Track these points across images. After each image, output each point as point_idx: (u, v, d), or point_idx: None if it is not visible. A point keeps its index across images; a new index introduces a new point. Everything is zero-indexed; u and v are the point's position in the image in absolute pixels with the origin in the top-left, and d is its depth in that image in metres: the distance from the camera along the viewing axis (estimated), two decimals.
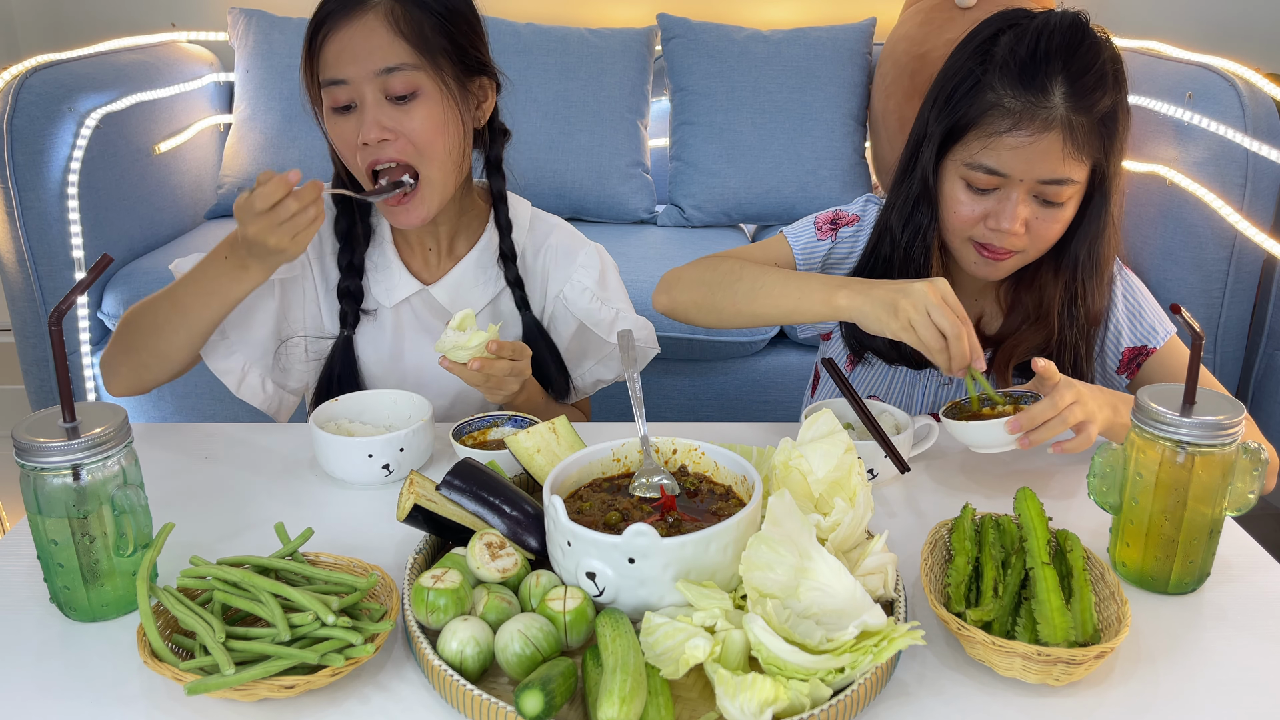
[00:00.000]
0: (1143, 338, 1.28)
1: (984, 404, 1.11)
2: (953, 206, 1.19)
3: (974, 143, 1.15)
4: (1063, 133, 1.11)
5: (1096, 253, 1.21)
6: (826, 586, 0.81)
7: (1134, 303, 1.29)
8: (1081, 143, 1.12)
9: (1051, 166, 1.12)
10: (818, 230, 1.34)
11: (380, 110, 1.17)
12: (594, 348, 1.39)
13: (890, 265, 1.27)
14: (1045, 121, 1.10)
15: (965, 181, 1.17)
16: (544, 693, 0.72)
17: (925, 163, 1.21)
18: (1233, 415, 0.88)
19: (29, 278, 2.10)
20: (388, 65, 1.16)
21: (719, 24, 2.57)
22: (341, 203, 1.31)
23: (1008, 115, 1.12)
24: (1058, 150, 1.11)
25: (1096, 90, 1.11)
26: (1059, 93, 1.10)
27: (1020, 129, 1.11)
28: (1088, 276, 1.22)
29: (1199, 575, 0.94)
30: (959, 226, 1.20)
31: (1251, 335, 2.06)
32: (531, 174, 2.49)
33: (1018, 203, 1.14)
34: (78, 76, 2.16)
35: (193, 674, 0.75)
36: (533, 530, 0.92)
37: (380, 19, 1.16)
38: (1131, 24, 2.62)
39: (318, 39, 1.17)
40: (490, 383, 1.16)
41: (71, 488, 0.84)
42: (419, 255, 1.35)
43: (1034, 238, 1.17)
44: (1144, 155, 2.04)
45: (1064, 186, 1.13)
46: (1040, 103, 1.11)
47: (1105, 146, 1.14)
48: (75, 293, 0.84)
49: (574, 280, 1.36)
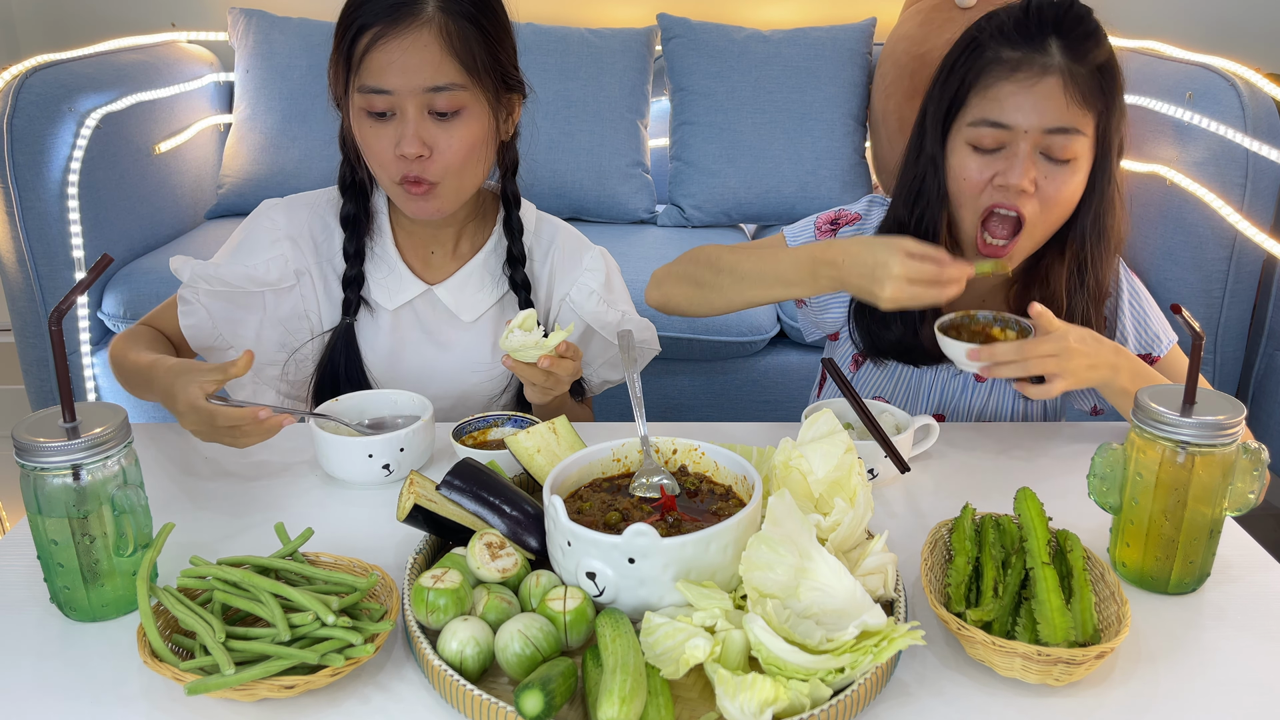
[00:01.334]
0: (1147, 346, 1.28)
1: (995, 323, 1.15)
2: (961, 174, 1.18)
3: (976, 101, 1.16)
4: (1062, 78, 1.12)
5: (1102, 223, 1.21)
6: (826, 586, 0.81)
7: (1140, 310, 1.29)
8: (1083, 90, 1.12)
9: (1055, 113, 1.12)
10: (818, 231, 1.34)
11: (422, 125, 1.17)
12: (600, 350, 1.40)
13: None
14: (1044, 67, 1.12)
15: (971, 145, 1.17)
16: (544, 693, 0.72)
17: (931, 140, 1.21)
18: (1233, 415, 0.88)
19: (29, 278, 2.10)
20: (437, 84, 1.16)
21: (719, 24, 2.57)
22: (348, 189, 1.31)
23: (1005, 65, 1.14)
24: (1059, 95, 1.12)
25: (1089, 41, 1.13)
26: (1055, 44, 1.13)
27: (1020, 75, 1.13)
28: (1095, 244, 1.21)
29: (1199, 575, 0.94)
30: (970, 194, 1.18)
31: (1251, 335, 2.06)
32: (531, 174, 2.46)
33: (1025, 157, 1.13)
34: (78, 76, 2.16)
35: (193, 674, 0.75)
36: (533, 530, 0.92)
37: (434, 35, 1.15)
38: (1131, 24, 2.61)
39: (361, 42, 1.16)
40: (550, 381, 1.16)
41: (71, 488, 0.84)
42: (420, 256, 1.35)
43: (1044, 201, 1.15)
44: (1144, 155, 2.04)
45: (1070, 137, 1.13)
46: (1038, 50, 1.13)
47: (1106, 99, 1.15)
48: (75, 293, 0.84)
49: (580, 283, 1.37)
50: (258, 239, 1.31)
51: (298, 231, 1.31)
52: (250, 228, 1.33)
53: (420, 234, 1.34)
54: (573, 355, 1.16)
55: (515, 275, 1.35)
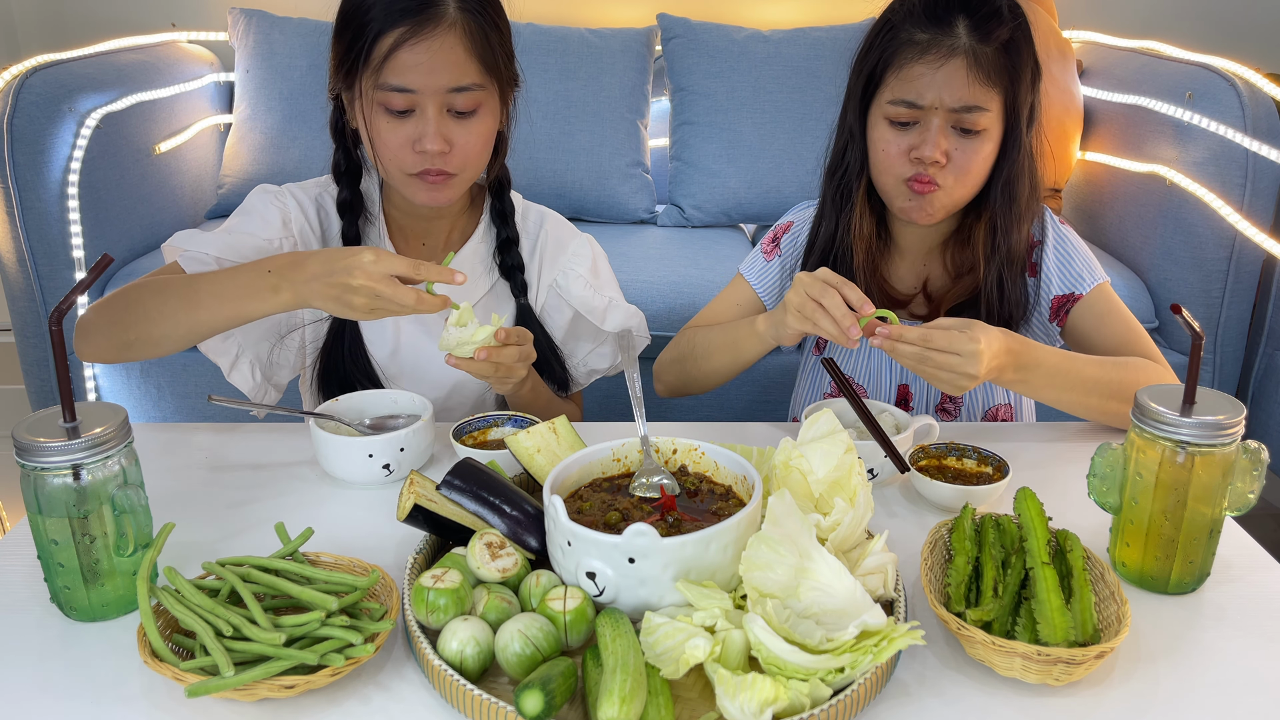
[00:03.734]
0: (1070, 285, 1.32)
1: (950, 453, 1.12)
2: (880, 146, 1.26)
3: (891, 80, 1.24)
4: (967, 60, 1.19)
5: (1012, 188, 1.28)
6: (826, 586, 0.81)
7: (1064, 252, 1.33)
8: (987, 69, 1.20)
9: (960, 93, 1.20)
10: (764, 255, 1.43)
11: (442, 123, 1.19)
12: (587, 336, 1.41)
13: (833, 237, 1.34)
14: (950, 49, 1.20)
15: (888, 120, 1.25)
16: (544, 693, 0.72)
17: (851, 115, 1.31)
18: (1233, 415, 0.88)
19: (29, 278, 2.10)
20: (460, 84, 1.18)
21: (719, 24, 2.58)
22: (343, 175, 1.31)
23: (916, 47, 1.21)
24: (963, 75, 1.19)
25: (993, 20, 1.20)
26: (961, 25, 1.20)
27: (928, 56, 1.20)
28: (1004, 209, 1.28)
29: (1199, 575, 0.94)
30: (888, 165, 1.26)
31: (1251, 335, 2.06)
32: (531, 174, 2.49)
33: (937, 131, 1.22)
34: (78, 76, 2.16)
35: (193, 674, 0.75)
36: (533, 530, 0.92)
37: (459, 37, 1.17)
38: (1131, 24, 2.61)
39: (384, 43, 1.15)
40: (499, 371, 1.15)
41: (72, 488, 0.84)
42: (413, 250, 1.35)
43: (956, 170, 1.23)
44: (1144, 155, 2.04)
45: (976, 114, 1.21)
46: (944, 33, 1.20)
47: (1011, 75, 1.21)
48: (75, 293, 0.84)
49: (568, 269, 1.38)
50: (262, 213, 1.29)
51: (296, 214, 1.31)
52: (248, 208, 1.30)
53: (413, 226, 1.35)
54: (517, 340, 1.16)
55: (508, 259, 1.36)
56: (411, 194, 1.25)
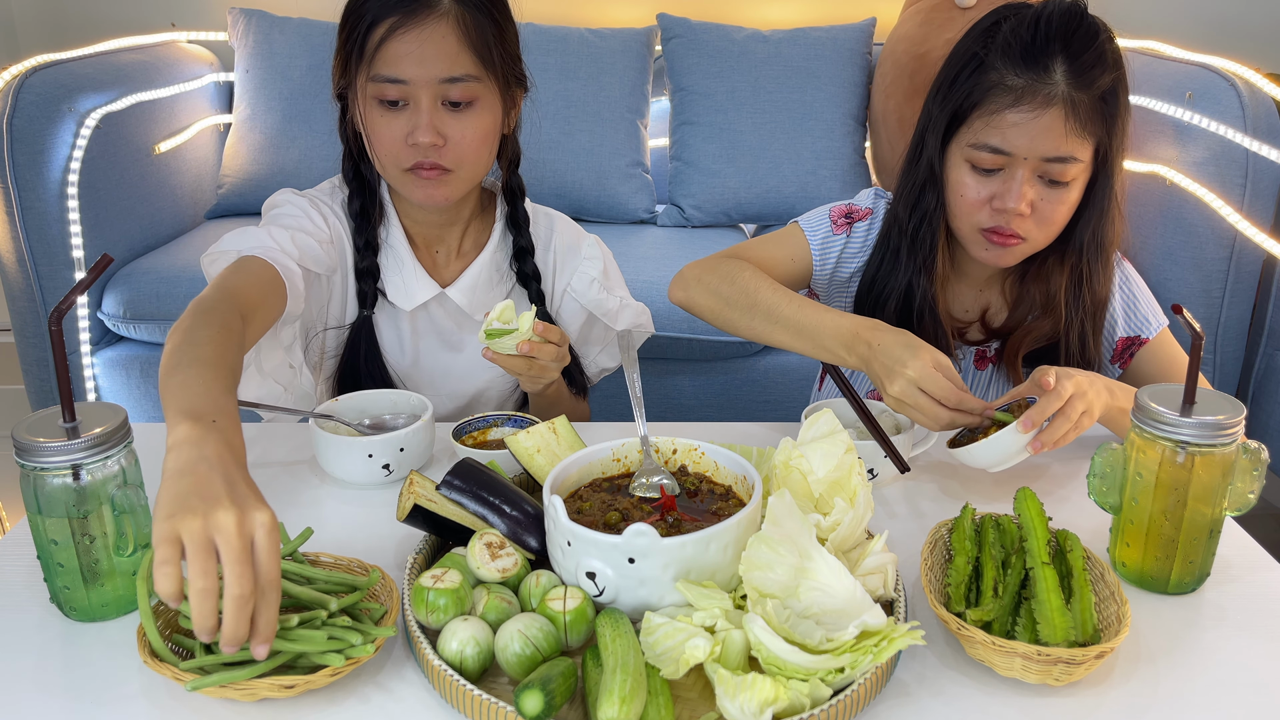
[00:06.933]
0: (1136, 328, 1.29)
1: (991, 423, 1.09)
2: (959, 190, 1.20)
3: (978, 123, 1.16)
4: (1065, 109, 1.12)
5: (1101, 235, 1.23)
6: (826, 586, 0.81)
7: (1129, 293, 1.30)
8: (1084, 119, 1.13)
9: (1055, 143, 1.13)
10: (833, 224, 1.34)
11: (436, 115, 1.18)
12: (598, 336, 1.42)
13: (898, 257, 1.28)
14: (1047, 98, 1.12)
15: (970, 164, 1.18)
16: (544, 693, 0.72)
17: (931, 149, 1.22)
18: (1233, 415, 0.88)
19: (29, 278, 2.10)
20: (453, 75, 1.17)
21: (719, 24, 2.58)
22: (354, 180, 1.31)
23: (1010, 93, 1.13)
24: (1060, 126, 1.12)
25: (1096, 68, 1.13)
26: (1059, 70, 1.12)
27: (1023, 105, 1.13)
28: (1093, 259, 1.23)
29: (1199, 575, 0.94)
30: (966, 211, 1.20)
31: (1251, 335, 2.06)
32: (531, 174, 2.46)
33: (1023, 182, 1.15)
34: (78, 76, 2.16)
35: (193, 674, 0.75)
36: (533, 530, 0.92)
37: (451, 27, 1.16)
38: (1131, 24, 2.61)
39: (376, 33, 1.16)
40: (534, 369, 1.16)
41: (71, 488, 0.84)
42: (427, 258, 1.35)
43: (1040, 220, 1.18)
44: (1144, 155, 2.04)
45: (1068, 165, 1.14)
46: (1042, 80, 1.12)
47: (1108, 125, 1.15)
48: (75, 293, 0.84)
49: (581, 272, 1.38)
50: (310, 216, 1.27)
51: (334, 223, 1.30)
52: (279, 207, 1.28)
53: (426, 233, 1.34)
54: (558, 340, 1.16)
55: (525, 268, 1.36)
56: (408, 192, 1.25)
